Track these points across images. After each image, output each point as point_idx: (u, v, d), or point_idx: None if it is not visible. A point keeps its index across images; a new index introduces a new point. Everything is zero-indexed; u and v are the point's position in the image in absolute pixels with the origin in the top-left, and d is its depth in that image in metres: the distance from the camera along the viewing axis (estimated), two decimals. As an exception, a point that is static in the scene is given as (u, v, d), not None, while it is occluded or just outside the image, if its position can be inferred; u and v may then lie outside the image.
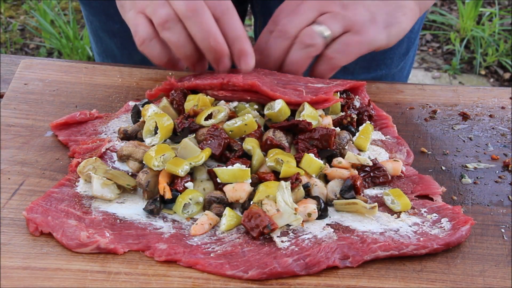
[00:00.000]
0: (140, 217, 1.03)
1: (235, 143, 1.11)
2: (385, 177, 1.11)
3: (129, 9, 1.20)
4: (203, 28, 1.14)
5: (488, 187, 1.14)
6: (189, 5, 1.13)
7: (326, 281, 0.95)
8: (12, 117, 1.22)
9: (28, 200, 1.04)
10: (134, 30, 1.19)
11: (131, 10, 1.20)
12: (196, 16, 1.13)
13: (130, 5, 1.20)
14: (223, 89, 1.18)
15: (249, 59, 1.18)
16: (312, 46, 1.19)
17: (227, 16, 1.16)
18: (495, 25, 3.69)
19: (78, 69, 1.36)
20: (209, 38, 1.14)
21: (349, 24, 1.20)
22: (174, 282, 0.94)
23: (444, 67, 3.64)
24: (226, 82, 1.17)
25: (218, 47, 1.15)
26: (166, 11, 1.14)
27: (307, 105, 1.14)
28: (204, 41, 1.15)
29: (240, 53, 1.18)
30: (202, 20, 1.13)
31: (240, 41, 1.17)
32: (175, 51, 1.18)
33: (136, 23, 1.18)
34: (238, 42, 1.17)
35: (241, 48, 1.17)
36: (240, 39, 1.17)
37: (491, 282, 0.96)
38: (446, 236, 1.01)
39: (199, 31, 1.14)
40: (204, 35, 1.14)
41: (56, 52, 3.59)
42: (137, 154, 1.10)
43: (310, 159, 1.08)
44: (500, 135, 1.25)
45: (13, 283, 0.92)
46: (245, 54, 1.18)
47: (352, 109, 1.23)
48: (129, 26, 1.21)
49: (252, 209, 1.00)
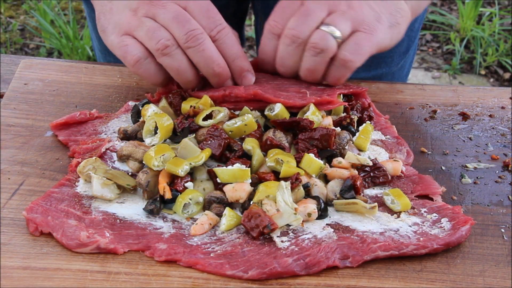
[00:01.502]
0: (140, 217, 1.03)
1: (235, 143, 1.11)
2: (385, 177, 1.11)
3: (111, 33, 1.18)
4: (206, 56, 1.14)
5: (488, 187, 1.14)
6: (189, 34, 1.13)
7: (326, 281, 0.95)
8: (12, 117, 1.22)
9: (28, 200, 1.04)
10: (124, 52, 1.16)
11: (113, 34, 1.18)
12: (198, 44, 1.13)
13: (113, 28, 1.18)
14: (225, 101, 1.18)
15: (250, 76, 1.20)
16: (326, 51, 1.16)
17: (224, 36, 1.16)
18: (495, 25, 3.69)
19: (78, 69, 1.36)
20: (212, 64, 1.15)
21: (358, 23, 1.18)
22: (174, 282, 0.94)
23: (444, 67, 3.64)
24: (228, 94, 1.17)
25: (222, 72, 1.16)
26: (164, 36, 1.13)
27: (313, 106, 1.15)
28: (207, 68, 1.16)
29: (241, 71, 1.19)
30: (204, 48, 1.14)
31: (239, 60, 1.18)
32: (176, 76, 1.18)
33: (124, 44, 1.16)
34: (237, 61, 1.18)
35: (241, 66, 1.19)
36: (239, 57, 1.18)
37: (491, 282, 0.96)
38: (446, 236, 1.01)
39: (201, 59, 1.15)
40: (207, 62, 1.15)
41: (56, 52, 3.59)
42: (137, 154, 1.10)
43: (310, 159, 1.08)
44: (500, 135, 1.25)
45: (13, 283, 0.92)
46: (246, 72, 1.19)
47: (355, 111, 1.23)
48: (114, 50, 1.18)
49: (252, 209, 1.00)
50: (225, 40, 1.16)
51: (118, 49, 1.17)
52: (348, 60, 1.17)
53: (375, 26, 1.18)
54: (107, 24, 1.19)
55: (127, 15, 1.17)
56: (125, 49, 1.16)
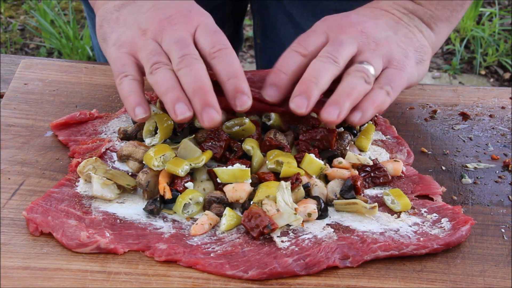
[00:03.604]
0: (140, 217, 1.03)
1: (235, 144, 1.11)
2: (385, 177, 1.11)
3: (112, 45, 1.15)
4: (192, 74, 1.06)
5: (488, 187, 1.14)
6: (184, 57, 1.07)
7: (326, 281, 0.95)
8: (12, 117, 1.22)
9: (28, 200, 1.04)
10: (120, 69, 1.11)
11: (114, 46, 1.14)
12: (188, 66, 1.06)
13: (115, 40, 1.14)
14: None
15: (246, 99, 1.07)
16: (368, 83, 1.11)
17: (224, 54, 1.09)
18: (495, 25, 3.69)
19: (78, 69, 1.36)
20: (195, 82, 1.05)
21: (387, 60, 1.16)
22: (174, 282, 0.94)
23: (444, 67, 3.64)
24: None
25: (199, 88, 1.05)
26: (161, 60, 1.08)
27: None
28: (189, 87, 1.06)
29: (236, 91, 1.07)
30: (192, 69, 1.06)
31: (236, 79, 1.07)
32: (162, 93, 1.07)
33: (123, 63, 1.11)
34: (233, 80, 1.07)
35: (238, 86, 1.07)
36: (236, 77, 1.07)
37: (491, 282, 0.96)
38: (446, 236, 1.01)
39: (189, 79, 1.05)
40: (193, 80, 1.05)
41: (56, 52, 3.59)
42: (137, 154, 1.10)
43: (311, 159, 1.08)
44: (500, 135, 1.25)
45: (13, 283, 0.92)
46: (242, 93, 1.07)
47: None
48: (110, 61, 1.14)
49: (252, 209, 1.00)
50: (224, 58, 1.08)
51: (115, 63, 1.13)
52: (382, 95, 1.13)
53: (404, 62, 1.17)
54: (109, 33, 1.17)
55: (135, 33, 1.13)
56: (121, 68, 1.11)
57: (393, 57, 1.16)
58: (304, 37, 1.17)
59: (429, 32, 1.25)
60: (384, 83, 1.13)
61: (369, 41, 1.16)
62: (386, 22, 1.21)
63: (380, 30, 1.19)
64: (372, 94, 1.12)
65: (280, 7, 1.64)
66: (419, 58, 1.20)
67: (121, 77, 1.10)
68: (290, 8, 1.62)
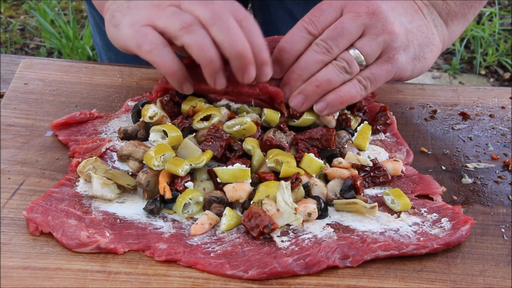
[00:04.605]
0: (140, 217, 1.03)
1: (235, 143, 1.11)
2: (385, 177, 1.11)
3: (127, 26, 1.12)
4: (230, 34, 1.07)
5: (488, 187, 1.14)
6: (214, 13, 1.07)
7: (326, 281, 0.95)
8: (12, 117, 1.22)
9: (28, 200, 1.04)
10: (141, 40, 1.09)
11: (128, 26, 1.12)
12: (222, 22, 1.07)
13: (129, 21, 1.12)
14: (227, 94, 1.18)
15: (269, 70, 1.12)
16: (348, 73, 1.15)
17: (251, 24, 1.10)
18: (495, 25, 3.69)
19: (78, 69, 1.36)
20: (237, 44, 1.06)
21: (384, 50, 1.16)
22: (174, 282, 0.94)
23: (444, 67, 3.64)
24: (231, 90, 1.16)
25: (247, 54, 1.08)
26: (188, 18, 1.08)
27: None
28: (231, 48, 1.07)
29: (262, 63, 1.11)
30: (229, 26, 1.07)
31: (264, 52, 1.10)
32: (197, 54, 1.08)
33: (143, 33, 1.09)
34: (262, 53, 1.10)
35: (264, 59, 1.11)
36: (264, 50, 1.10)
37: (491, 282, 0.96)
38: (446, 236, 1.01)
39: (226, 37, 1.07)
40: (232, 41, 1.07)
41: (56, 52, 3.59)
42: (137, 154, 1.10)
43: (310, 159, 1.08)
44: (500, 135, 1.25)
45: (13, 283, 0.92)
46: (266, 65, 1.11)
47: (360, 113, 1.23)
48: (128, 41, 1.12)
49: (252, 209, 1.00)
50: (251, 29, 1.09)
51: (134, 38, 1.10)
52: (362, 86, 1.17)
53: (399, 54, 1.17)
54: (122, 19, 1.14)
55: (149, 10, 1.12)
56: (142, 38, 1.09)
57: (390, 46, 1.16)
58: (318, 12, 1.18)
59: (443, 29, 1.24)
60: (366, 76, 1.16)
61: (377, 25, 1.15)
62: (404, 7, 1.20)
63: (395, 14, 1.17)
64: (344, 87, 1.16)
65: (282, 6, 1.64)
66: (419, 54, 1.20)
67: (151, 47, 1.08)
68: (291, 7, 1.62)
